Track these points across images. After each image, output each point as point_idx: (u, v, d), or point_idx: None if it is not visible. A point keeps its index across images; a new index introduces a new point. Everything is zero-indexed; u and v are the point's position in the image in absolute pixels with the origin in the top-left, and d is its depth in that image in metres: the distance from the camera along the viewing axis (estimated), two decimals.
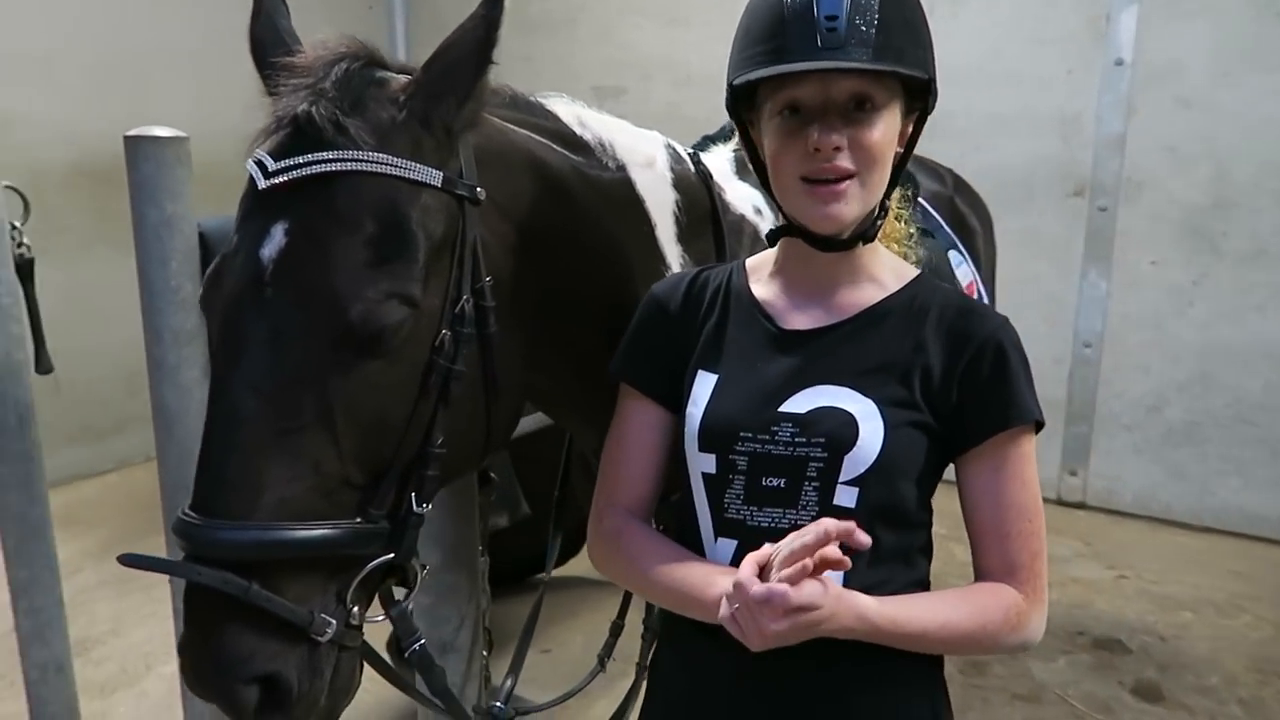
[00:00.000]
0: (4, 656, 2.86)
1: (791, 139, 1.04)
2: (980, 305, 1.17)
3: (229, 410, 0.96)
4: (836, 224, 1.06)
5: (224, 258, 1.03)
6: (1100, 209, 4.04)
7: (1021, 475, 1.09)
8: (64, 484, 4.24)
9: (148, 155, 1.32)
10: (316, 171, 0.98)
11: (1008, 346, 1.09)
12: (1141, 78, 3.89)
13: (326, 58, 1.03)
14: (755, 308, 1.15)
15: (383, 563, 1.03)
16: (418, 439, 1.04)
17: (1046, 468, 4.30)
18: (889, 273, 1.15)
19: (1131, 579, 3.56)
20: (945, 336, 1.09)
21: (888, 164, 1.07)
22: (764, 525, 1.07)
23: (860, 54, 1.00)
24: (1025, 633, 1.08)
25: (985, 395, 1.08)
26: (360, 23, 5.55)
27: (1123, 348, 4.10)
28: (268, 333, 0.96)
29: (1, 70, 4.06)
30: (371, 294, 0.97)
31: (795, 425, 1.06)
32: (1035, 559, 1.10)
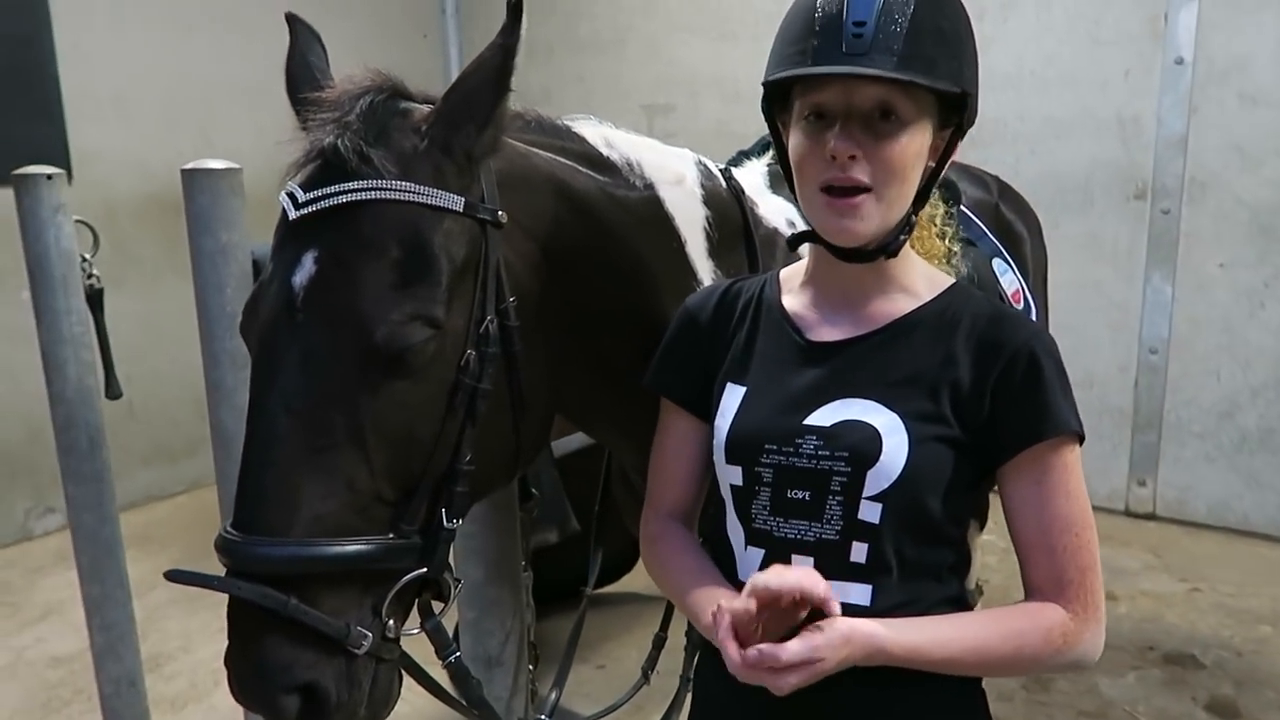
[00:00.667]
0: (81, 672, 2.97)
1: (813, 144, 1.03)
2: (1014, 314, 1.13)
3: (265, 430, 0.99)
4: (851, 238, 1.04)
5: (260, 285, 1.07)
6: (1163, 211, 3.94)
7: (1065, 487, 1.05)
8: (139, 505, 4.40)
9: (203, 187, 1.38)
10: (343, 201, 1.01)
11: (1041, 355, 1.05)
12: (1203, 76, 3.79)
13: (352, 92, 1.06)
14: (784, 319, 1.15)
15: (416, 577, 1.05)
16: (447, 456, 1.06)
17: (1114, 478, 4.20)
18: (922, 282, 1.13)
19: (1205, 592, 3.44)
20: (976, 347, 1.06)
21: (911, 179, 1.05)
22: (790, 537, 1.07)
23: (884, 61, 0.98)
24: (1075, 652, 1.04)
25: (1019, 406, 1.04)
26: (415, 51, 5.68)
27: (1191, 353, 3.98)
28: (300, 355, 1.00)
29: (78, 109, 4.24)
30: (396, 316, 0.99)
31: (819, 438, 1.05)
32: (1085, 574, 1.05)
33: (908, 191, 1.05)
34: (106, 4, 4.32)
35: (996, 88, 4.23)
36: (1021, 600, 1.09)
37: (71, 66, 4.19)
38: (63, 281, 1.79)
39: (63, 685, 2.99)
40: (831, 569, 1.04)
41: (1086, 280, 4.11)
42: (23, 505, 4.22)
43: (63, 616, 3.44)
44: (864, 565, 1.04)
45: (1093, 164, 4.08)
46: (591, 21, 5.32)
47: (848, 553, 1.05)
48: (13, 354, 4.04)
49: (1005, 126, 4.24)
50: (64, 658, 3.16)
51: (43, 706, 2.88)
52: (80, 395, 1.82)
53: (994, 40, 4.19)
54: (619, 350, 1.31)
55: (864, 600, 1.04)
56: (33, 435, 4.15)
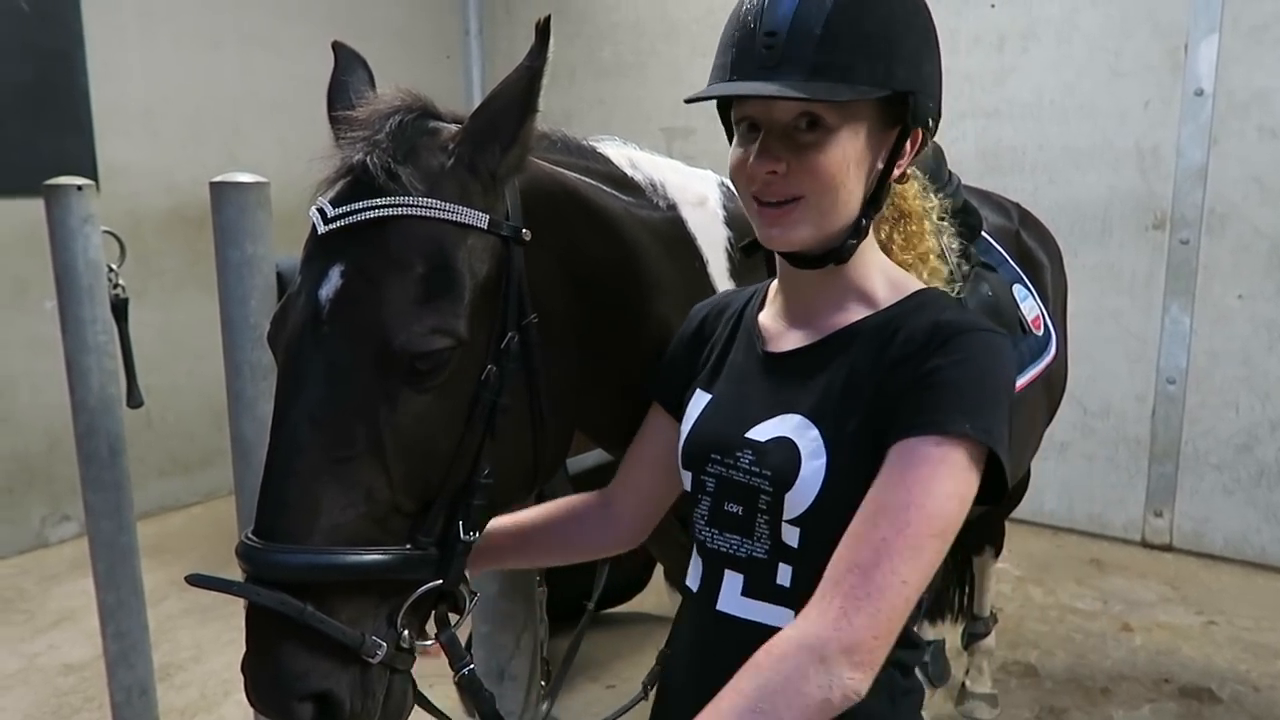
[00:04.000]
0: (92, 679, 2.99)
1: (741, 155, 1.03)
2: (962, 320, 1.01)
3: (288, 440, 1.01)
4: (784, 245, 1.03)
5: (288, 298, 1.09)
6: (1182, 242, 3.94)
7: (925, 482, 0.91)
8: (153, 515, 4.42)
9: (230, 200, 1.40)
10: (370, 216, 1.03)
11: (960, 352, 0.96)
12: (1223, 108, 3.79)
13: (382, 110, 1.08)
14: (754, 329, 1.15)
15: (432, 588, 1.06)
16: (465, 469, 1.07)
17: (1130, 509, 4.17)
18: (884, 288, 1.08)
19: (1222, 625, 3.40)
20: (905, 346, 0.99)
21: (848, 185, 1.00)
22: (724, 550, 1.07)
23: (795, 74, 0.95)
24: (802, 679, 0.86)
25: (912, 397, 0.95)
26: (438, 71, 5.75)
27: (1209, 385, 3.96)
28: (324, 367, 1.01)
29: (107, 123, 4.31)
30: (417, 329, 1.01)
31: (754, 453, 1.04)
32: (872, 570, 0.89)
33: (846, 198, 1.01)
34: (137, 21, 4.40)
35: (1016, 117, 4.24)
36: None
37: (102, 81, 4.27)
38: (89, 291, 1.81)
39: (74, 692, 3.00)
40: (759, 589, 1.05)
41: (1104, 310, 4.10)
42: (39, 513, 4.25)
43: (75, 624, 3.46)
44: (789, 589, 1.02)
45: (1111, 194, 4.08)
46: (614, 46, 5.37)
47: (774, 574, 1.04)
48: (35, 363, 4.09)
49: (1024, 155, 4.25)
50: (76, 665, 3.17)
51: (54, 713, 2.89)
52: (102, 404, 1.84)
53: (1014, 70, 4.21)
54: (638, 368, 1.32)
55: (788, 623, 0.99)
56: (51, 444, 4.19)
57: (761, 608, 1.05)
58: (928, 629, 2.75)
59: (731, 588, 1.07)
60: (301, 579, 0.98)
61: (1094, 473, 4.25)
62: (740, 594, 1.06)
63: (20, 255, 4.02)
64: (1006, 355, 1.00)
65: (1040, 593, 3.70)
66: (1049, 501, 4.31)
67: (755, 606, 1.05)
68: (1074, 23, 4.07)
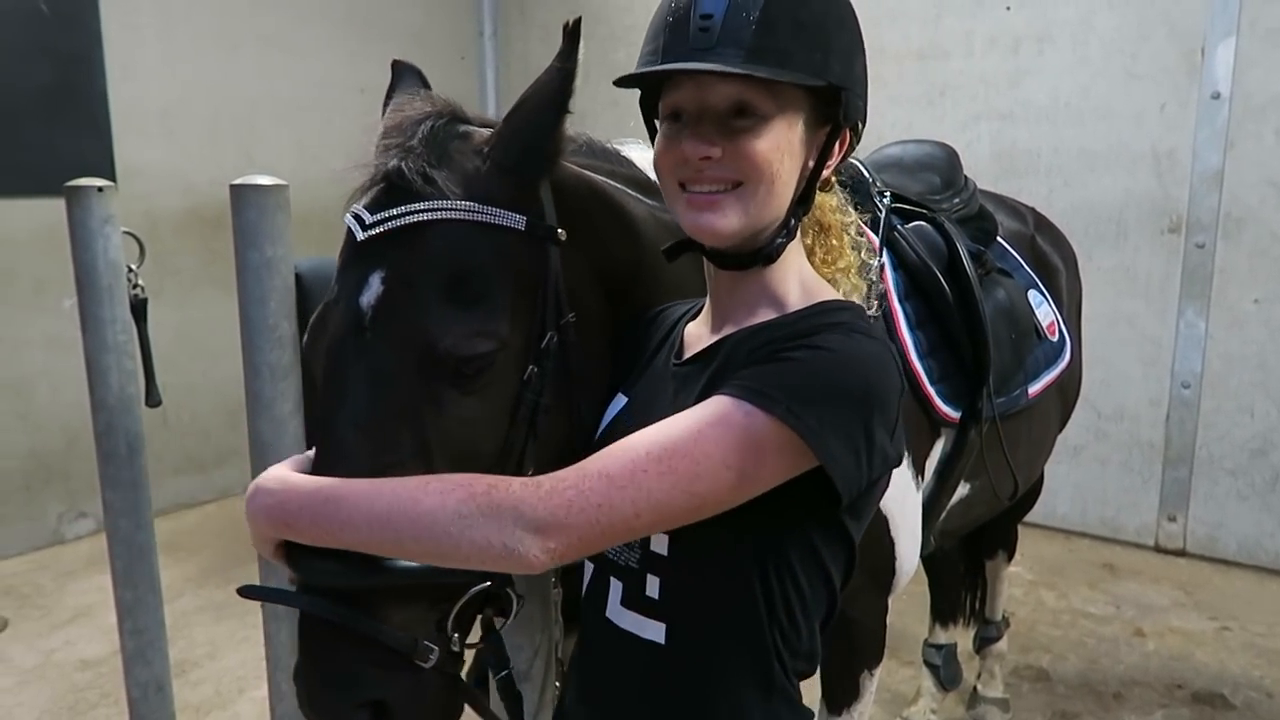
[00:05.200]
0: (108, 675, 3.01)
1: (668, 144, 1.00)
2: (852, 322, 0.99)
3: (334, 447, 1.01)
4: (712, 235, 1.00)
5: (326, 306, 1.08)
6: (1198, 246, 3.92)
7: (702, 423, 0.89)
8: (168, 512, 4.46)
9: (251, 202, 1.42)
10: (408, 222, 1.03)
11: (825, 344, 0.93)
12: (1240, 111, 3.78)
13: (415, 116, 1.08)
14: (679, 336, 1.14)
15: (480, 590, 1.06)
16: (510, 470, 1.07)
17: (1144, 513, 4.15)
18: (796, 295, 1.05)
19: (1236, 631, 3.39)
20: (776, 335, 0.97)
21: (780, 178, 0.98)
22: (609, 556, 1.06)
23: (731, 55, 0.93)
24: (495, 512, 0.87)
25: (757, 366, 0.93)
26: (453, 72, 5.77)
27: (1224, 389, 3.94)
28: (367, 373, 1.01)
29: (125, 124, 4.34)
30: (461, 332, 1.01)
31: None
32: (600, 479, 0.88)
33: (779, 191, 0.99)
34: (156, 23, 4.43)
35: (1031, 119, 4.23)
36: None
37: (120, 83, 4.30)
38: (109, 291, 1.82)
39: (90, 688, 3.03)
40: (632, 600, 1.04)
41: (1119, 313, 4.09)
42: (56, 510, 4.29)
43: (92, 620, 3.49)
44: (657, 601, 1.01)
45: (1127, 197, 4.06)
46: (629, 49, 5.37)
47: (644, 585, 1.02)
48: (53, 362, 4.13)
49: (1039, 158, 4.24)
50: (92, 661, 3.20)
51: (70, 709, 2.92)
52: (121, 402, 1.86)
53: (1029, 72, 4.20)
54: None
55: (659, 638, 1.01)
56: (69, 442, 4.23)
57: (634, 619, 1.04)
58: (940, 632, 2.75)
59: (615, 595, 1.07)
60: (354, 587, 0.98)
61: (1107, 477, 4.24)
62: (619, 603, 1.05)
63: (39, 255, 4.06)
64: (875, 361, 0.94)
65: (1053, 597, 3.69)
66: (1062, 505, 4.30)
67: (629, 617, 1.04)
68: (1090, 25, 4.06)
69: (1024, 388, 1.96)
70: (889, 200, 1.79)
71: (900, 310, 1.67)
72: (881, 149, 2.20)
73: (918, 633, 2.82)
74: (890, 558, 1.57)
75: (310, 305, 1.45)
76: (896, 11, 4.44)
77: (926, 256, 1.76)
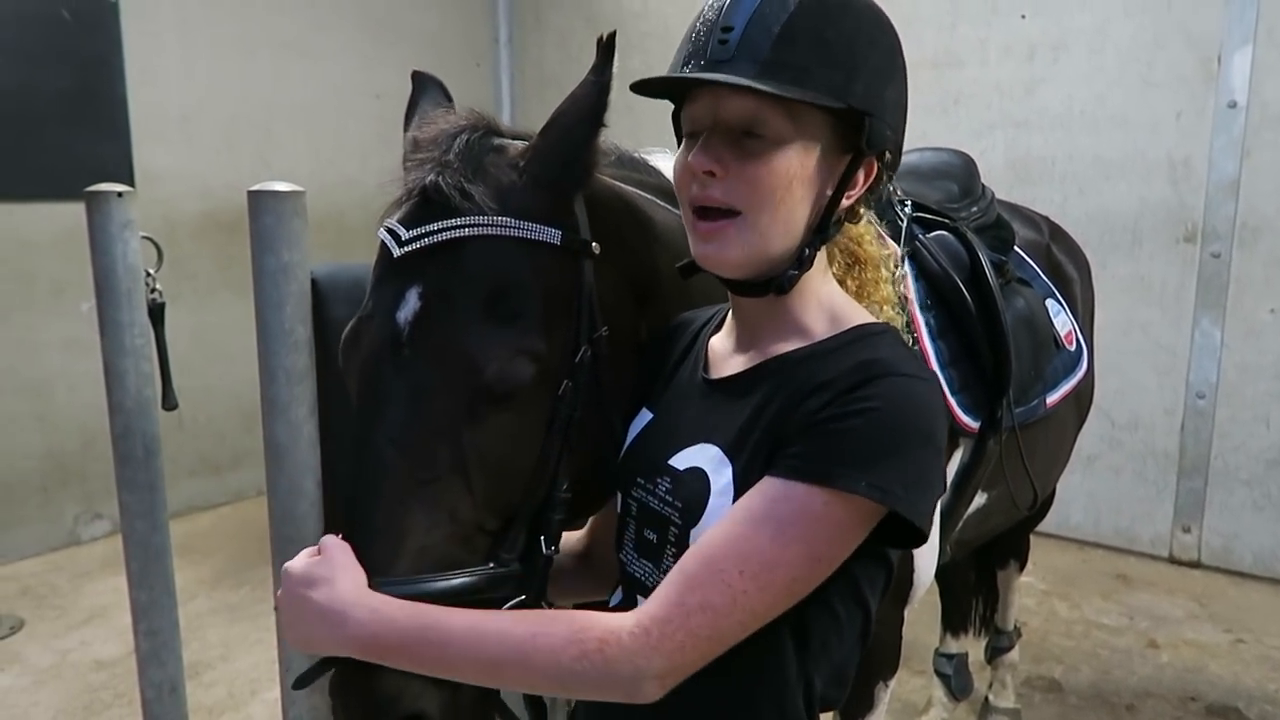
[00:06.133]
0: (123, 676, 3.04)
1: (683, 159, 0.98)
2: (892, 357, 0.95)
3: (372, 466, 1.00)
4: (716, 265, 0.98)
5: (360, 321, 1.08)
6: (1213, 255, 3.90)
7: (784, 527, 0.88)
8: (182, 515, 4.49)
9: (268, 208, 1.42)
10: (447, 237, 1.02)
11: (878, 399, 0.89)
12: (1256, 120, 3.76)
13: (449, 130, 1.08)
14: (702, 351, 1.12)
15: (515, 605, 1.05)
16: (545, 484, 1.07)
17: (1158, 523, 4.13)
18: (823, 323, 1.02)
19: (1250, 643, 3.36)
20: (825, 384, 0.93)
21: (789, 205, 0.95)
22: (637, 575, 1.06)
23: (744, 69, 0.91)
24: (610, 670, 0.86)
25: (817, 438, 0.90)
26: (468, 79, 5.80)
27: (1240, 399, 3.91)
28: (406, 391, 1.01)
29: (144, 129, 4.38)
30: (502, 350, 1.01)
31: (671, 481, 1.01)
32: (702, 612, 0.87)
33: (787, 219, 0.96)
34: (175, 29, 4.47)
35: (1046, 127, 4.22)
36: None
37: (139, 88, 4.34)
38: (127, 295, 1.84)
39: (104, 689, 3.05)
40: None
41: (1134, 322, 4.07)
42: (72, 511, 4.32)
43: (107, 621, 3.51)
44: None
45: (1142, 205, 4.05)
46: (644, 55, 5.36)
47: None
48: (71, 364, 4.16)
49: (1054, 166, 4.23)
50: (107, 661, 3.23)
51: (85, 709, 2.94)
52: (139, 405, 1.87)
53: (1044, 80, 4.19)
54: None
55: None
56: (85, 444, 4.26)
57: None
58: (951, 642, 2.74)
59: None
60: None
61: (1121, 487, 4.21)
62: None
63: (57, 258, 4.10)
64: (925, 403, 0.93)
65: (1065, 607, 3.67)
66: (1075, 515, 4.27)
67: None
68: (1105, 33, 4.05)
69: (1042, 397, 1.96)
70: (910, 209, 1.79)
71: (922, 320, 1.67)
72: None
73: (929, 642, 2.82)
74: (910, 570, 1.57)
75: (326, 311, 1.46)
76: (911, 19, 4.43)
77: (948, 266, 1.76)
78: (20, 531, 4.15)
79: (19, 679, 3.13)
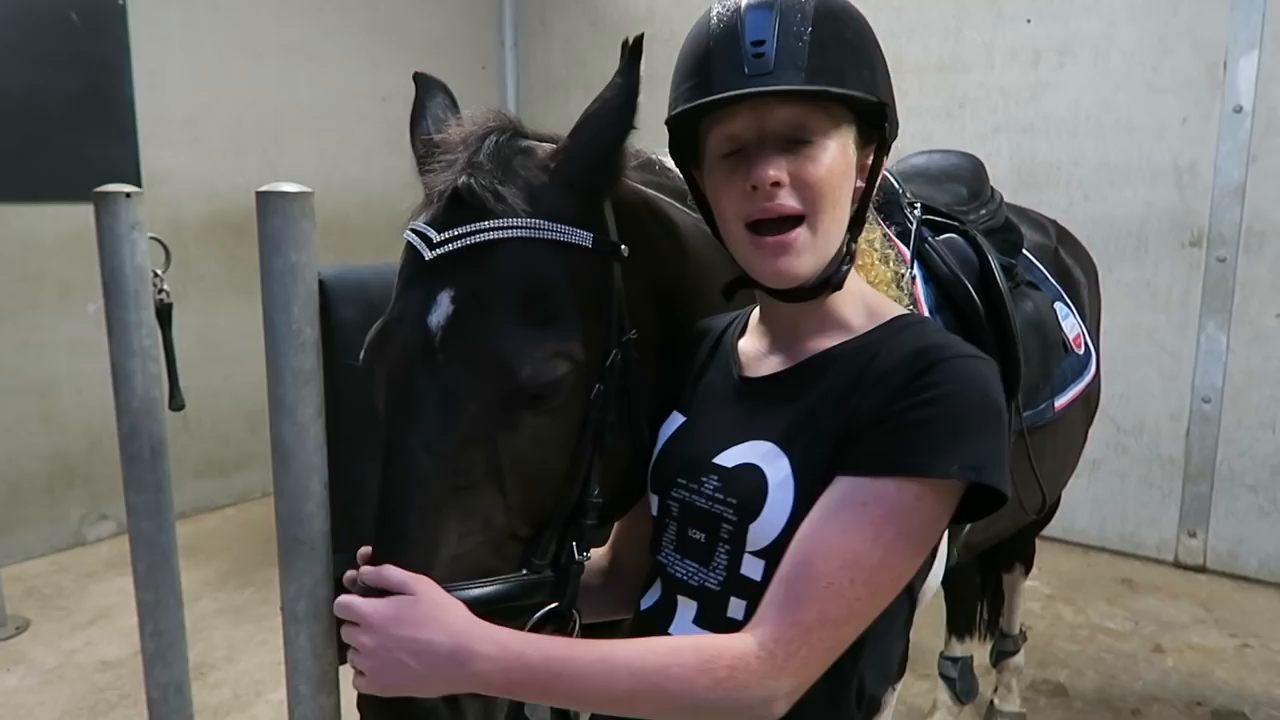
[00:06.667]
0: (128, 676, 3.04)
1: (729, 179, 0.98)
2: (945, 343, 0.97)
3: (406, 472, 0.99)
4: (788, 279, 0.98)
5: (387, 324, 1.06)
6: (1219, 260, 3.90)
7: (880, 527, 0.89)
8: (187, 516, 4.50)
9: (276, 209, 1.43)
10: (481, 240, 1.01)
11: (944, 385, 0.91)
12: (1262, 125, 3.76)
13: (476, 132, 1.07)
14: (732, 353, 1.13)
15: (548, 612, 1.05)
16: (578, 489, 1.06)
17: (1164, 528, 4.12)
18: (860, 314, 1.05)
19: (1256, 648, 3.35)
20: (881, 376, 0.94)
21: (842, 202, 0.98)
22: (680, 577, 1.05)
23: (792, 77, 0.93)
24: (742, 695, 0.88)
25: (886, 429, 0.91)
26: (474, 82, 5.81)
27: (1246, 404, 3.91)
28: (439, 395, 0.99)
29: (151, 131, 4.40)
30: (539, 355, 1.00)
31: (719, 479, 1.01)
32: (817, 626, 0.89)
33: (840, 217, 0.99)
34: (182, 32, 4.49)
35: (1051, 132, 4.22)
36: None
37: (147, 91, 4.36)
38: (135, 296, 1.84)
39: (110, 689, 3.06)
40: (710, 621, 1.02)
41: (1139, 327, 4.07)
42: (78, 512, 4.33)
43: (112, 622, 3.52)
44: (740, 623, 0.97)
45: (1148, 210, 4.05)
46: (649, 59, 5.33)
47: (725, 607, 1.01)
48: (77, 365, 4.18)
49: (1059, 171, 4.23)
50: (112, 662, 3.23)
51: (90, 709, 2.95)
52: (146, 406, 1.87)
53: (1050, 85, 4.19)
54: None
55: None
56: (91, 444, 4.27)
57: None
58: (956, 645, 2.73)
59: (685, 615, 1.05)
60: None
61: (1127, 491, 4.21)
62: (692, 621, 1.04)
63: (64, 259, 4.11)
64: (989, 380, 0.95)
65: (1070, 612, 3.66)
66: (1080, 520, 4.27)
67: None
68: (1111, 38, 4.05)
69: (1050, 401, 1.96)
70: (919, 212, 1.79)
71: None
72: (907, 159, 2.20)
73: (934, 645, 2.81)
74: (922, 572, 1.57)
75: (333, 313, 1.46)
76: (916, 24, 4.44)
77: (958, 269, 1.76)
78: (26, 532, 4.16)
79: (25, 679, 3.14)
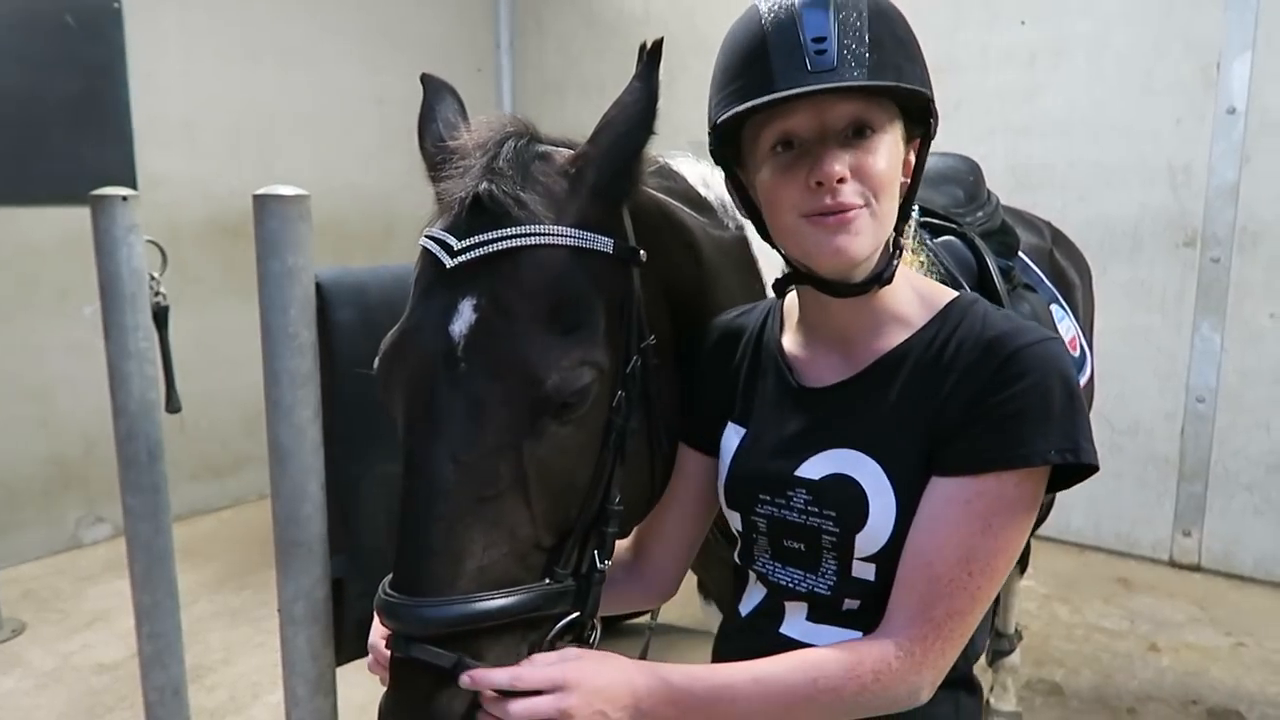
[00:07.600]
0: (125, 679, 3.04)
1: (787, 175, 0.97)
2: (1013, 329, 1.00)
3: (430, 483, 0.97)
4: (848, 259, 0.96)
5: (404, 332, 1.04)
6: (1213, 260, 3.91)
7: (990, 518, 0.94)
8: (183, 519, 4.49)
9: (273, 212, 1.43)
10: (504, 247, 0.99)
11: (1027, 377, 0.94)
12: (1255, 126, 3.77)
13: (494, 138, 1.05)
14: (781, 359, 1.13)
15: (568, 623, 1.05)
16: (600, 498, 1.06)
17: (1158, 528, 4.13)
18: (915, 306, 1.06)
19: (1251, 647, 3.36)
20: (963, 372, 0.98)
21: (895, 193, 0.99)
22: (785, 584, 1.07)
23: (857, 74, 0.93)
24: (889, 694, 0.96)
25: (984, 425, 0.95)
26: (469, 84, 5.79)
27: (1240, 404, 3.92)
28: (464, 405, 0.97)
29: (147, 134, 4.39)
30: (565, 363, 0.98)
31: (809, 492, 1.03)
32: (951, 619, 0.96)
33: (893, 210, 1.00)
34: (178, 35, 4.49)
35: (1046, 133, 4.23)
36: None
37: (143, 94, 4.36)
38: (132, 299, 1.85)
39: (107, 692, 3.06)
40: (825, 615, 1.05)
41: (1134, 327, 4.08)
42: (74, 515, 4.33)
43: (109, 624, 3.52)
44: (856, 612, 1.04)
45: (1142, 211, 4.06)
46: None
47: (840, 605, 1.04)
48: (73, 368, 4.17)
49: (1054, 172, 4.24)
50: (109, 665, 3.23)
51: (87, 712, 2.95)
52: (142, 408, 1.88)
53: (1045, 86, 4.20)
54: None
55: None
56: (88, 447, 4.27)
57: (829, 631, 1.05)
58: None
59: (796, 614, 1.07)
60: (453, 630, 0.96)
61: (1122, 491, 4.22)
62: (805, 619, 1.07)
63: (61, 262, 4.11)
64: (1064, 358, 0.98)
65: (1066, 611, 3.67)
66: (1076, 519, 4.28)
67: (822, 631, 1.05)
68: (1105, 40, 4.06)
69: None
70: (917, 214, 1.80)
71: None
72: None
73: None
74: None
75: (330, 315, 1.47)
76: (911, 24, 4.43)
77: (956, 272, 1.76)
78: (22, 535, 4.15)
79: (21, 682, 3.14)
